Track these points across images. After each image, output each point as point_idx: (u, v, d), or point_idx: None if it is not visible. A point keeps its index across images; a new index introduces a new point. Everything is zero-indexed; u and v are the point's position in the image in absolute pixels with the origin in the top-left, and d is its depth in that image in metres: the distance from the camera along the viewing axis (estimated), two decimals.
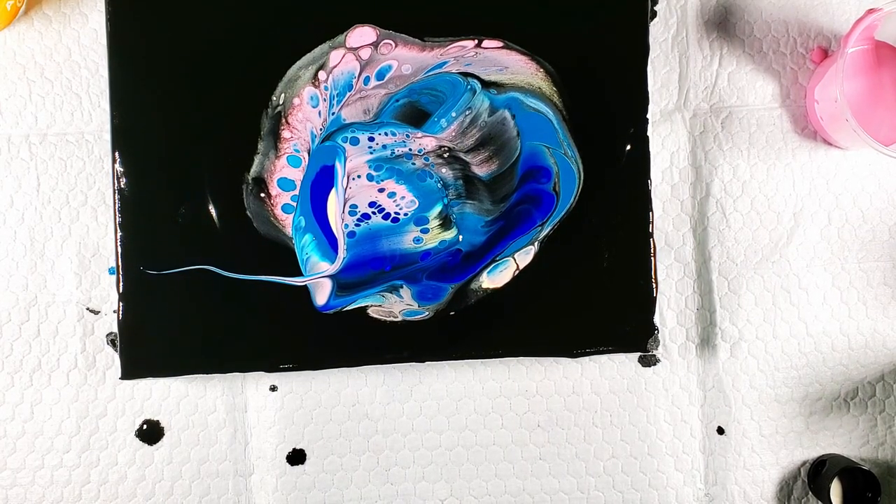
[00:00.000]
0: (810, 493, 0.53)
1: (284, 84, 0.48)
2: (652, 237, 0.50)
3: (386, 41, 0.49)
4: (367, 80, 0.49)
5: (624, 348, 0.51)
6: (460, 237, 0.50)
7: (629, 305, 0.50)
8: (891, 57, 0.50)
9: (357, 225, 0.49)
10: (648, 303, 0.50)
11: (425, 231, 0.49)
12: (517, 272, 0.50)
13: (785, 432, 0.53)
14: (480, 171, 0.49)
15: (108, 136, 0.49)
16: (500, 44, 0.49)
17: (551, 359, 0.52)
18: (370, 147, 0.49)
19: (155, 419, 0.52)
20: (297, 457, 0.53)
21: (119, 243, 0.48)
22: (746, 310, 0.53)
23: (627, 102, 0.49)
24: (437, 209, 0.49)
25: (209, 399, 0.52)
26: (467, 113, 0.49)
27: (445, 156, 0.49)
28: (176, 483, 0.52)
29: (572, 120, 0.49)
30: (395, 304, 0.49)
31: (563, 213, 0.50)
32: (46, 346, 0.51)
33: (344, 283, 0.49)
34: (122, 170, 0.48)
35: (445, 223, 0.49)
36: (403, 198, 0.49)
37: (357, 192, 0.49)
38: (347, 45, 0.49)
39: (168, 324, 0.49)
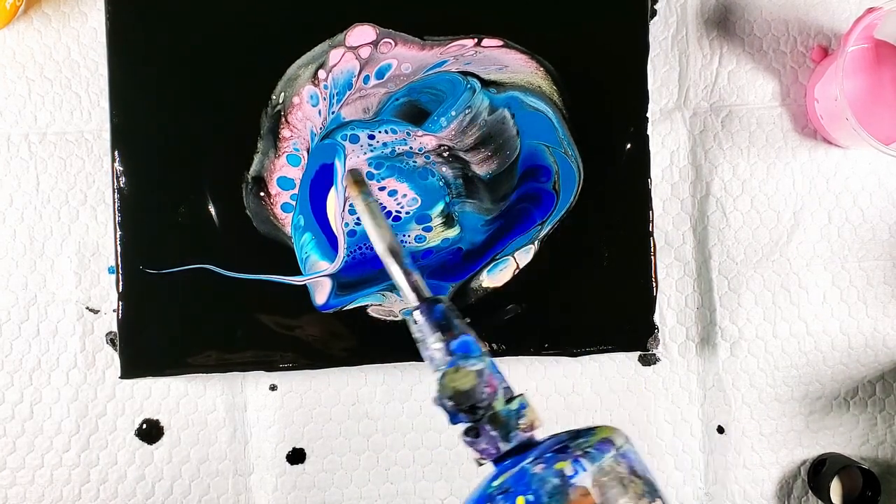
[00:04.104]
0: (810, 491, 0.53)
1: (284, 83, 0.48)
2: (652, 236, 0.50)
3: (385, 40, 0.49)
4: (366, 78, 0.49)
5: (624, 347, 0.51)
6: (463, 235, 0.50)
7: (629, 304, 0.50)
8: (891, 56, 0.50)
9: (357, 223, 0.49)
10: (648, 302, 0.50)
11: (428, 229, 0.49)
12: (517, 271, 0.50)
13: (785, 431, 0.53)
14: (480, 170, 0.49)
15: (107, 135, 0.49)
16: (500, 42, 0.49)
17: (551, 358, 0.52)
18: (370, 145, 0.49)
19: (154, 418, 0.52)
20: (296, 456, 0.52)
21: (118, 242, 0.48)
22: (746, 309, 0.53)
23: (627, 101, 0.49)
24: (440, 207, 0.49)
25: (209, 398, 0.52)
26: (467, 112, 0.49)
27: (445, 154, 0.49)
28: (175, 482, 0.52)
29: (572, 119, 0.49)
30: (395, 304, 0.49)
31: (562, 212, 0.50)
32: (46, 345, 0.51)
33: (344, 282, 0.49)
34: (121, 169, 0.48)
35: (448, 221, 0.49)
36: (405, 196, 0.49)
37: None
38: (347, 44, 0.48)
39: (168, 323, 0.49)
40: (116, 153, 0.48)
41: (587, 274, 0.50)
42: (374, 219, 0.41)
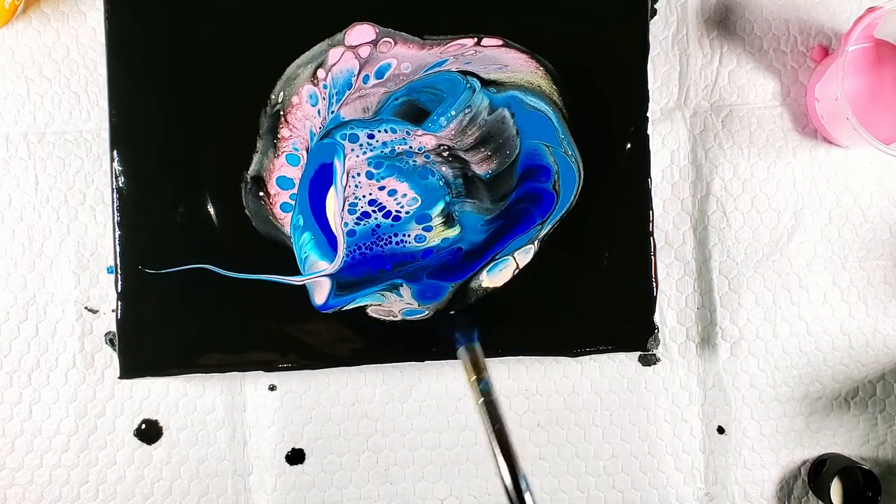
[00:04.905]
0: (811, 492, 0.53)
1: (283, 82, 0.48)
2: (652, 236, 0.50)
3: (385, 39, 0.49)
4: (366, 78, 0.49)
5: (624, 347, 0.51)
6: (463, 235, 0.49)
7: (629, 304, 0.50)
8: (891, 55, 0.50)
9: (357, 223, 0.49)
10: (648, 302, 0.50)
11: (428, 229, 0.49)
12: (517, 271, 0.50)
13: (785, 431, 0.53)
14: (480, 169, 0.49)
15: (106, 135, 0.48)
16: (500, 42, 0.49)
17: (551, 358, 0.52)
18: (370, 144, 0.49)
19: (153, 418, 0.52)
20: (295, 456, 0.52)
21: (118, 242, 0.48)
22: (747, 309, 0.52)
23: (627, 101, 0.49)
24: (440, 206, 0.49)
25: (208, 398, 0.52)
26: (467, 111, 0.49)
27: (445, 154, 0.49)
28: (174, 483, 0.52)
29: (572, 118, 0.49)
30: (394, 304, 0.49)
31: (562, 212, 0.50)
32: (45, 345, 0.51)
33: (343, 282, 0.49)
34: (120, 168, 0.48)
35: (448, 221, 0.49)
36: (405, 195, 0.49)
37: (357, 190, 0.49)
38: (346, 43, 0.48)
39: (167, 323, 0.49)
40: (115, 153, 0.48)
41: (587, 274, 0.50)
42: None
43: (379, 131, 0.49)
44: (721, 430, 0.53)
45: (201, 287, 0.48)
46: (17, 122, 0.51)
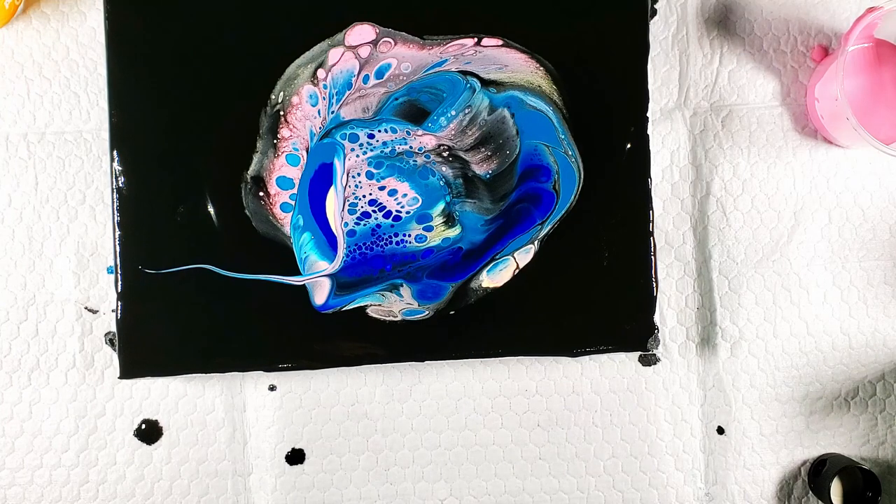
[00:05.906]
0: (811, 492, 0.53)
1: (283, 82, 0.48)
2: (652, 236, 0.50)
3: (385, 39, 0.49)
4: (366, 78, 0.49)
5: (624, 347, 0.51)
6: (463, 235, 0.49)
7: (629, 304, 0.50)
8: (891, 55, 0.50)
9: (357, 223, 0.49)
10: (648, 302, 0.50)
11: (429, 229, 0.49)
12: (517, 271, 0.50)
13: (785, 431, 0.53)
14: (480, 169, 0.49)
15: (106, 135, 0.48)
16: (500, 42, 0.49)
17: (551, 358, 0.52)
18: (370, 144, 0.49)
19: (153, 419, 0.52)
20: (295, 456, 0.52)
21: (117, 242, 0.48)
22: (747, 309, 0.53)
23: (627, 101, 0.49)
24: (441, 206, 0.49)
25: (208, 398, 0.52)
26: (467, 111, 0.49)
27: (445, 154, 0.49)
28: (174, 483, 0.52)
29: (572, 118, 0.49)
30: (394, 304, 0.49)
31: (563, 212, 0.50)
32: (45, 345, 0.51)
33: (343, 282, 0.49)
34: (120, 169, 0.48)
35: (449, 220, 0.49)
36: (405, 195, 0.49)
37: (357, 190, 0.49)
38: (346, 44, 0.48)
39: (167, 323, 0.49)
40: (115, 153, 0.48)
41: (587, 274, 0.50)
42: None
43: (379, 131, 0.49)
44: (721, 431, 0.53)
45: (201, 287, 0.48)
46: (17, 122, 0.51)
